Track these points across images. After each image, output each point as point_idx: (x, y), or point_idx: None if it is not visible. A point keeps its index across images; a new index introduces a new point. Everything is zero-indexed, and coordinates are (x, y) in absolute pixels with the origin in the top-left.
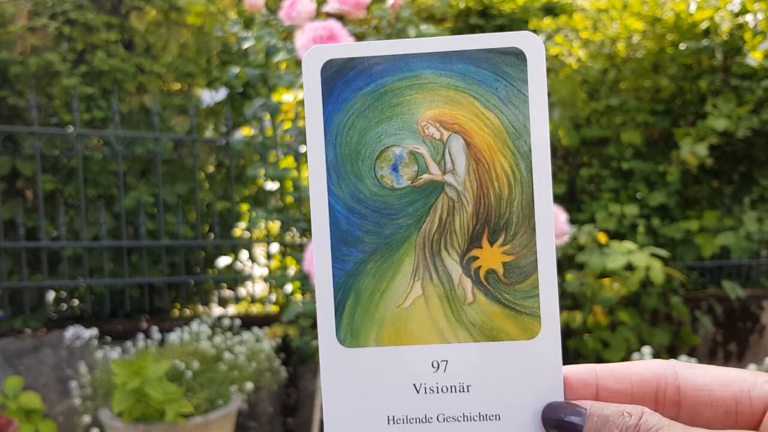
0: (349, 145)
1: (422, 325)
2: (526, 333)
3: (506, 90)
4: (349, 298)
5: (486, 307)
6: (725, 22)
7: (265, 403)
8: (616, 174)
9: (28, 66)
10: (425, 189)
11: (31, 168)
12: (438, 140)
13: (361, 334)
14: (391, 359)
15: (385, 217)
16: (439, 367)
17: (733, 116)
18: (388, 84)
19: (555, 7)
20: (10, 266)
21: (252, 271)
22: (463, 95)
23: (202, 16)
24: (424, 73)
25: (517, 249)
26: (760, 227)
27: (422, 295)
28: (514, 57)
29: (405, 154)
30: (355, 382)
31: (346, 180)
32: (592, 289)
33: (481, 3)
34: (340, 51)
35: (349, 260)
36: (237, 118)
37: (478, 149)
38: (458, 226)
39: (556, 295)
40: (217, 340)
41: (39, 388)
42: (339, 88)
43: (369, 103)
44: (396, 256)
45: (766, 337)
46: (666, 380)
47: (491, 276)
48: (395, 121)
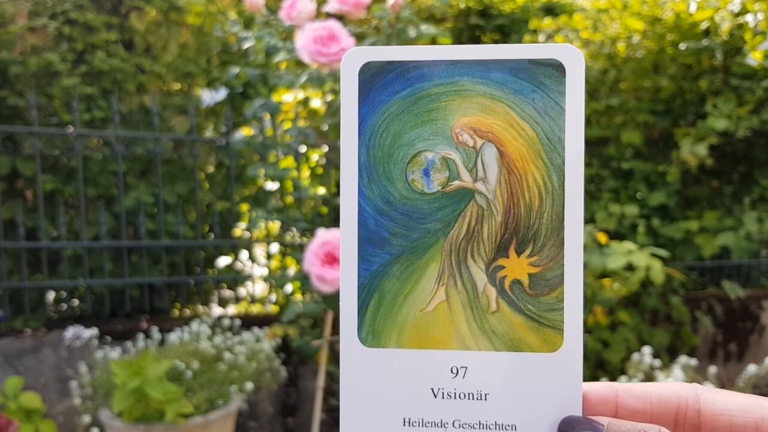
0: (382, 147)
1: (444, 330)
2: (548, 346)
3: (543, 101)
4: (373, 299)
5: (509, 317)
6: (725, 22)
7: (265, 403)
8: (616, 174)
9: (28, 66)
10: (455, 195)
11: (31, 168)
12: (471, 148)
13: (382, 335)
14: (410, 362)
15: (413, 221)
16: (458, 373)
17: (733, 116)
18: (425, 89)
19: (555, 7)
20: (10, 266)
21: (252, 271)
22: (499, 104)
23: (202, 16)
24: (462, 80)
25: (545, 261)
26: (760, 227)
27: (446, 300)
28: (554, 69)
29: (437, 160)
30: (373, 382)
31: (377, 182)
32: (592, 289)
33: (481, 3)
34: (379, 54)
35: (375, 261)
36: (237, 118)
37: (510, 159)
38: (486, 235)
39: (581, 309)
40: (217, 340)
41: (39, 388)
42: (375, 90)
43: (404, 107)
44: (422, 260)
45: (766, 337)
46: (687, 403)
47: (516, 286)
48: (429, 126)
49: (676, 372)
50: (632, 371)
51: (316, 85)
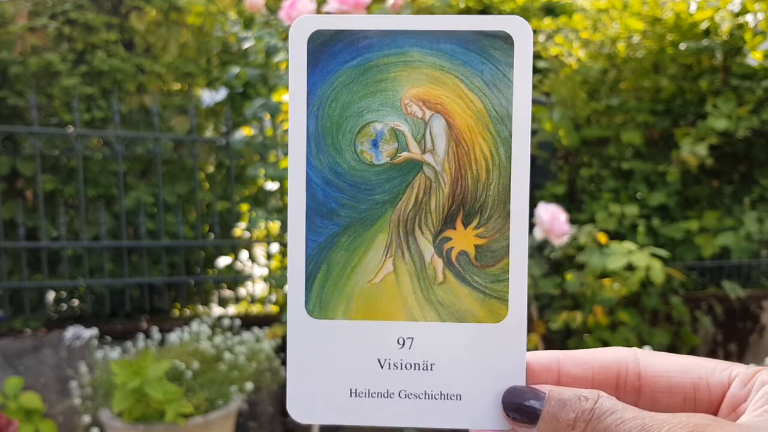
0: (330, 117)
1: (391, 301)
2: (493, 316)
3: (491, 73)
4: (321, 270)
5: (455, 288)
6: (725, 22)
7: (265, 403)
8: (616, 174)
9: (28, 66)
10: (404, 167)
11: (31, 168)
12: (420, 119)
13: (329, 307)
14: (357, 333)
15: (362, 192)
16: (404, 344)
17: (733, 116)
18: (374, 59)
19: (555, 7)
20: (10, 266)
21: (252, 271)
22: (448, 75)
23: (202, 16)
24: (411, 50)
25: (491, 233)
26: (760, 227)
27: (393, 272)
28: (502, 41)
29: (386, 131)
30: (320, 354)
31: (326, 152)
32: (592, 289)
33: (481, 3)
34: (329, 23)
35: (323, 232)
36: (237, 118)
37: (459, 131)
38: (434, 206)
39: (525, 281)
40: (217, 340)
41: (39, 388)
42: (325, 59)
43: (353, 77)
44: (370, 231)
45: (766, 337)
46: (627, 367)
47: (463, 258)
48: (378, 97)
49: None
50: None
51: None
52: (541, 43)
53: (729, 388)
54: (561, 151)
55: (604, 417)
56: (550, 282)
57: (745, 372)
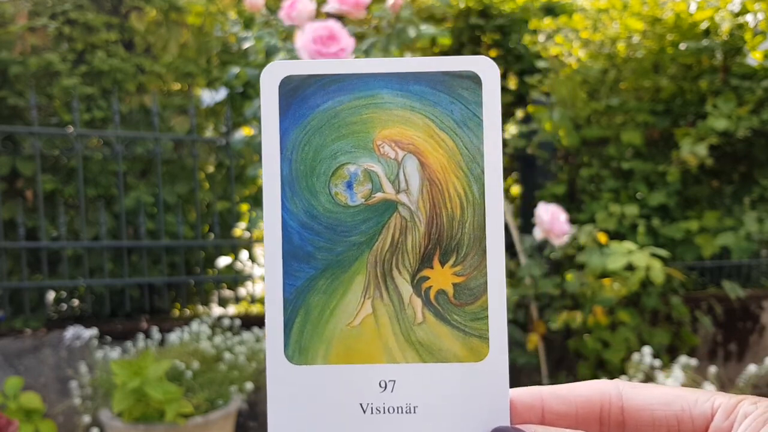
0: (304, 161)
1: (371, 343)
2: (474, 355)
3: (461, 113)
4: (299, 315)
5: (435, 328)
6: (725, 22)
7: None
8: (616, 174)
9: (28, 66)
10: (379, 208)
11: (31, 168)
12: (393, 159)
13: (309, 352)
14: (339, 378)
15: (338, 234)
16: (386, 387)
17: (733, 116)
18: (345, 102)
19: (555, 7)
20: (10, 266)
21: (252, 271)
22: (418, 116)
23: (202, 16)
24: (381, 93)
25: (468, 270)
26: (760, 227)
27: (372, 313)
28: (470, 81)
29: (360, 172)
30: (301, 400)
31: (300, 196)
32: (592, 289)
33: (481, 3)
34: (299, 68)
35: (300, 276)
36: (237, 118)
37: (432, 170)
38: (410, 246)
39: (505, 317)
40: (217, 340)
41: (39, 388)
42: (296, 104)
43: (325, 120)
44: (347, 273)
45: (766, 337)
46: (610, 401)
47: (441, 296)
48: (351, 139)
49: (676, 372)
50: (632, 371)
51: None
52: (541, 43)
53: (712, 420)
54: (561, 151)
55: None
56: (550, 282)
57: (728, 403)
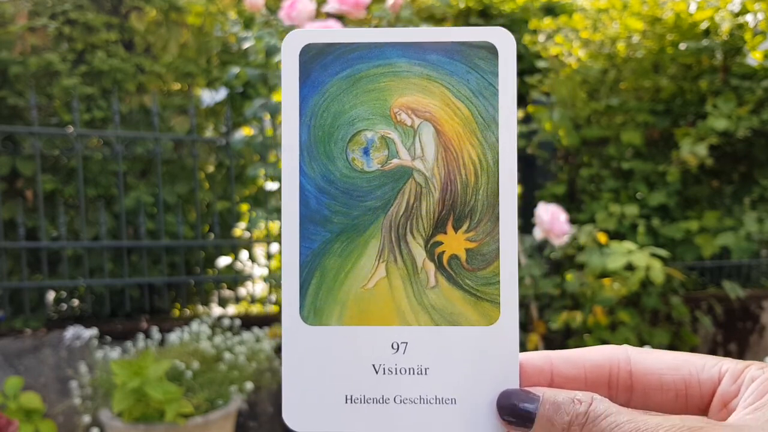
0: (322, 127)
1: (384, 306)
2: (485, 319)
3: (477, 82)
4: (314, 277)
5: (447, 292)
6: (725, 22)
7: (265, 403)
8: (616, 174)
9: (28, 66)
10: (394, 173)
11: (31, 168)
12: (409, 127)
13: (324, 313)
14: (352, 339)
15: (354, 199)
16: (398, 348)
17: (733, 116)
18: (364, 70)
19: (555, 7)
20: (10, 266)
21: (252, 271)
22: (435, 85)
23: (202, 16)
24: (399, 61)
25: (481, 236)
26: (760, 227)
27: (386, 277)
28: (487, 51)
29: (376, 139)
30: (315, 360)
31: (318, 161)
32: (592, 289)
33: (481, 3)
34: (319, 36)
35: (316, 239)
36: (237, 118)
37: (447, 138)
38: (424, 212)
39: (516, 283)
40: (217, 340)
41: (39, 388)
42: (316, 71)
43: (344, 88)
44: (362, 237)
45: (766, 337)
46: (619, 365)
47: (454, 261)
48: (369, 106)
49: None
50: None
51: None
52: (541, 43)
53: (719, 384)
54: (561, 151)
55: (598, 420)
56: (550, 282)
57: (735, 367)
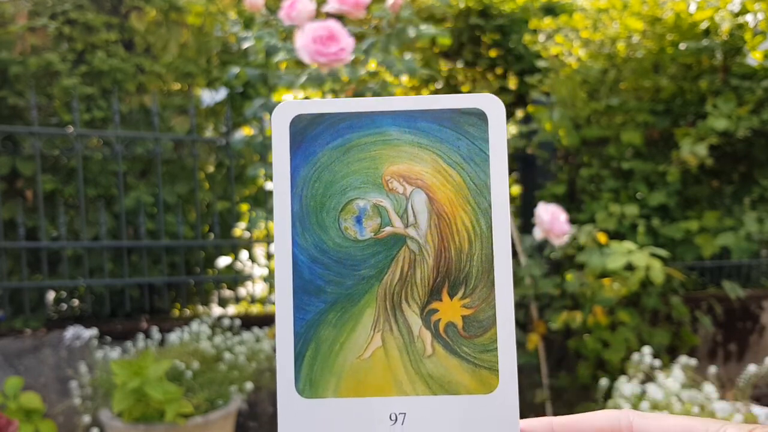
0: (314, 197)
1: (381, 376)
2: (484, 387)
3: (468, 148)
4: (309, 348)
5: (445, 360)
6: (725, 22)
7: (265, 403)
8: (616, 174)
9: (28, 66)
10: (388, 241)
11: (31, 168)
12: (401, 194)
13: (320, 385)
14: (349, 411)
15: (347, 268)
16: (397, 419)
17: (733, 116)
18: (354, 139)
19: (555, 7)
20: (10, 266)
21: (252, 271)
22: (426, 152)
23: (202, 16)
24: (390, 130)
25: (477, 303)
26: (760, 227)
27: (382, 346)
28: (476, 117)
29: (369, 207)
30: None
31: (311, 231)
32: (592, 289)
33: (481, 3)
34: (309, 107)
35: (310, 310)
36: (237, 118)
37: (440, 204)
38: (419, 279)
39: (514, 349)
40: (217, 340)
41: (39, 388)
42: (307, 142)
43: (335, 157)
44: (357, 307)
45: (766, 337)
46: (621, 431)
47: (450, 329)
48: (360, 175)
49: (676, 372)
50: (632, 371)
51: (315, 85)
52: (541, 43)
53: None
54: (561, 151)
55: None
56: (550, 282)
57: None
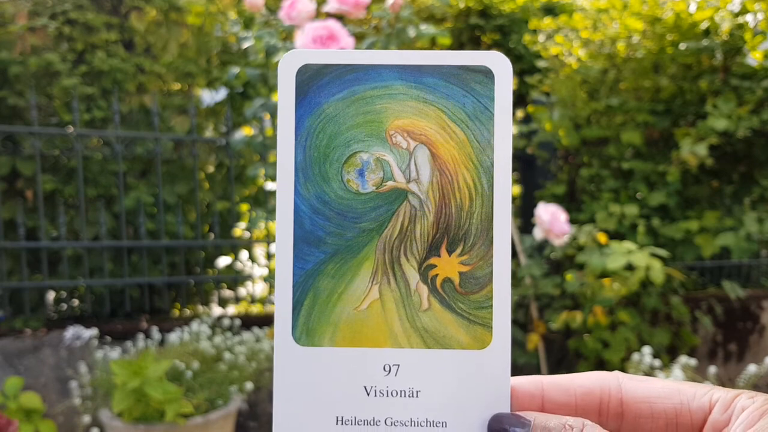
0: (318, 148)
1: (377, 328)
2: (478, 343)
3: (473, 106)
4: (307, 298)
5: (440, 315)
6: (725, 22)
7: (265, 403)
8: (616, 174)
9: (28, 66)
10: (389, 195)
11: (31, 168)
12: (404, 149)
13: (316, 334)
14: (344, 360)
15: (348, 221)
16: (390, 370)
17: (733, 116)
18: (360, 92)
19: (555, 7)
20: (10, 266)
21: (252, 271)
22: (431, 108)
23: (202, 16)
24: (396, 84)
25: (474, 260)
26: (760, 228)
27: (379, 299)
28: (483, 75)
29: (372, 161)
30: (307, 381)
31: (313, 182)
32: (592, 289)
33: (481, 3)
34: (316, 57)
35: (310, 260)
36: (237, 118)
37: (442, 161)
38: (419, 234)
39: (509, 307)
40: (217, 340)
41: (39, 388)
42: (312, 92)
43: (340, 109)
44: (356, 259)
45: (766, 337)
46: (610, 392)
47: (447, 285)
48: (364, 128)
49: (676, 372)
50: (632, 371)
51: None
52: (541, 43)
53: (710, 413)
54: (561, 151)
55: None
56: (550, 282)
57: (725, 396)
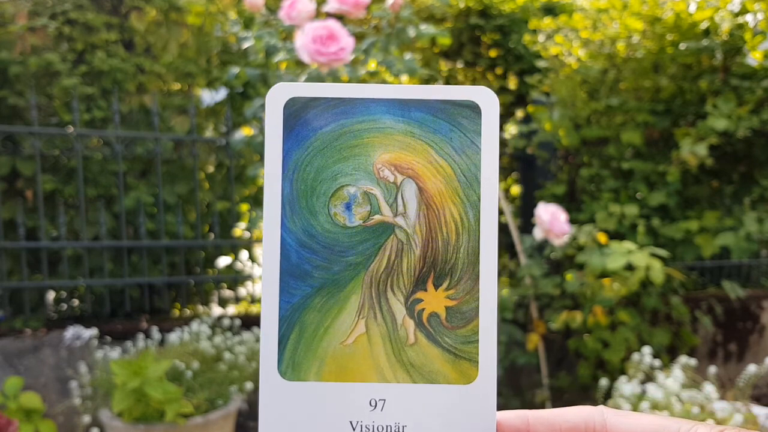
0: (305, 181)
1: (363, 363)
2: (464, 378)
3: (460, 140)
4: (294, 332)
5: (426, 350)
6: (725, 22)
7: None
8: (616, 174)
9: (28, 66)
10: (376, 229)
11: (31, 168)
12: (392, 183)
13: (302, 368)
14: (330, 395)
15: (335, 254)
16: (376, 405)
17: (733, 116)
18: (348, 125)
19: (555, 7)
20: (10, 266)
21: (252, 271)
22: (418, 142)
23: (202, 16)
24: (383, 118)
25: (461, 294)
26: (760, 227)
27: (365, 333)
28: (470, 110)
29: (359, 194)
30: (293, 416)
31: (300, 215)
32: (592, 289)
33: (481, 3)
34: (304, 90)
35: (296, 294)
36: (237, 118)
37: (429, 195)
38: (405, 268)
39: (495, 342)
40: (217, 340)
41: (39, 388)
42: (300, 125)
43: (328, 142)
44: (343, 293)
45: (766, 337)
46: (594, 427)
47: (434, 319)
48: (352, 162)
49: (676, 372)
50: (632, 371)
51: None
52: (541, 43)
53: None
54: (561, 151)
55: None
56: (550, 282)
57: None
